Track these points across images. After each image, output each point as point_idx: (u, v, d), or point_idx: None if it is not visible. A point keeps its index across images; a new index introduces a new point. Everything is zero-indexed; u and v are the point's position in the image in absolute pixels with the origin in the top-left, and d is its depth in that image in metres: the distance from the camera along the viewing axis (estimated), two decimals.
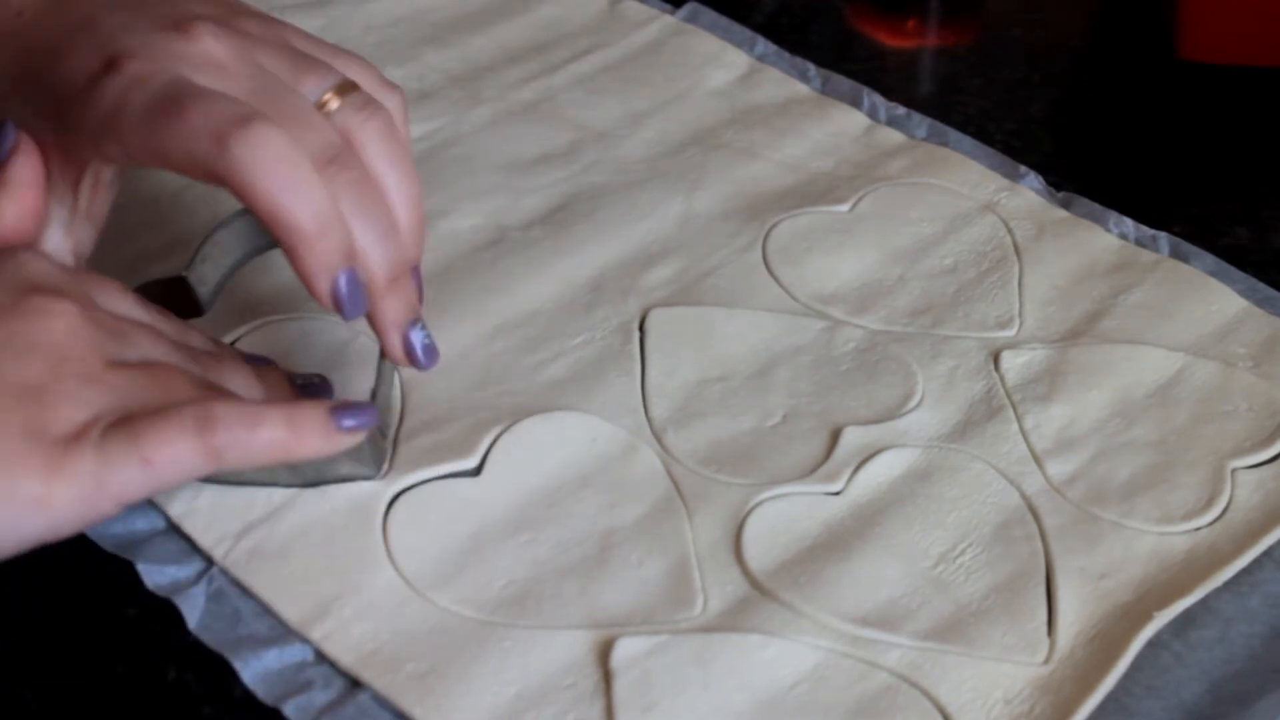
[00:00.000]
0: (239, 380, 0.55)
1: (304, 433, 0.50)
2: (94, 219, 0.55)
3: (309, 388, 0.58)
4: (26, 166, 0.53)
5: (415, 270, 0.55)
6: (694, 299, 0.66)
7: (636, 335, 0.65)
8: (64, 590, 0.56)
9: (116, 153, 0.51)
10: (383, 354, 0.55)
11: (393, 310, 0.53)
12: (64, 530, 0.48)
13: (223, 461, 0.49)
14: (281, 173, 0.49)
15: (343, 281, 0.51)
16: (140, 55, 0.51)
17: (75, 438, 0.47)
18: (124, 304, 0.53)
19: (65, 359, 0.48)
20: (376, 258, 0.52)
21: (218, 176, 0.49)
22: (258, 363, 0.58)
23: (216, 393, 0.52)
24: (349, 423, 0.51)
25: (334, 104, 0.52)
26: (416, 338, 0.54)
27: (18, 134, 0.53)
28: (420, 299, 0.55)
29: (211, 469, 0.49)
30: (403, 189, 0.53)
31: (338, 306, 0.51)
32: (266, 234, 0.53)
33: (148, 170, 0.53)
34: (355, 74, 0.54)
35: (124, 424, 0.48)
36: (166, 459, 0.48)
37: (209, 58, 0.51)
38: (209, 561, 0.56)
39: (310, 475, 0.57)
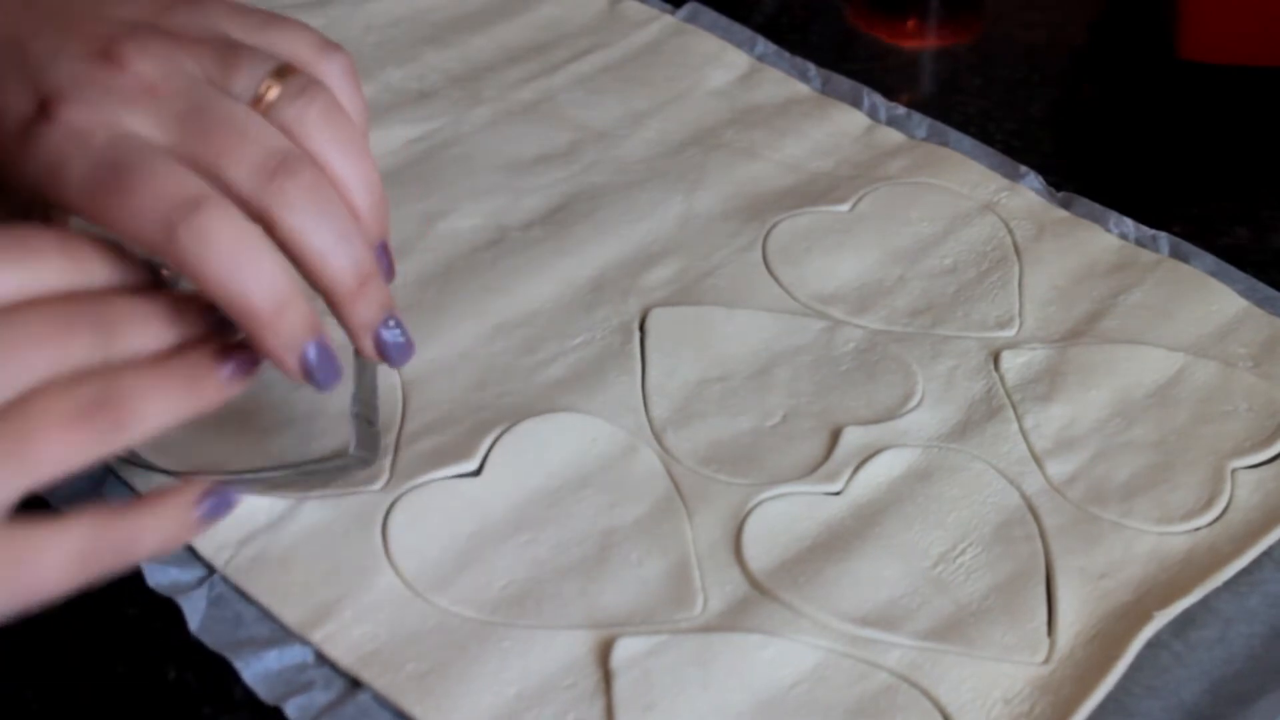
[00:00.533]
0: (138, 331, 0.48)
1: (204, 388, 0.48)
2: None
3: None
4: None
5: (383, 247, 0.53)
6: (694, 299, 0.66)
7: (637, 335, 0.65)
8: None
9: (59, 205, 0.48)
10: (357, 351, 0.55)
11: (362, 313, 0.51)
12: None
13: (114, 444, 0.46)
14: (231, 259, 0.47)
15: (311, 354, 0.49)
16: (73, 98, 0.48)
17: None
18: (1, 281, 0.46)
19: None
20: (340, 263, 0.50)
21: (168, 261, 0.47)
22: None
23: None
24: (239, 365, 0.48)
25: (273, 93, 0.50)
26: (389, 336, 0.52)
27: None
28: (391, 274, 0.53)
29: (102, 455, 0.46)
30: (356, 172, 0.51)
31: (310, 380, 0.49)
32: None
33: None
34: (291, 46, 0.52)
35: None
36: (39, 576, 0.45)
37: (140, 84, 0.49)
38: (210, 569, 0.56)
39: (314, 485, 0.58)
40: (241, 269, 0.47)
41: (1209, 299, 0.67)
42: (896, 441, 0.60)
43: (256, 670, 0.52)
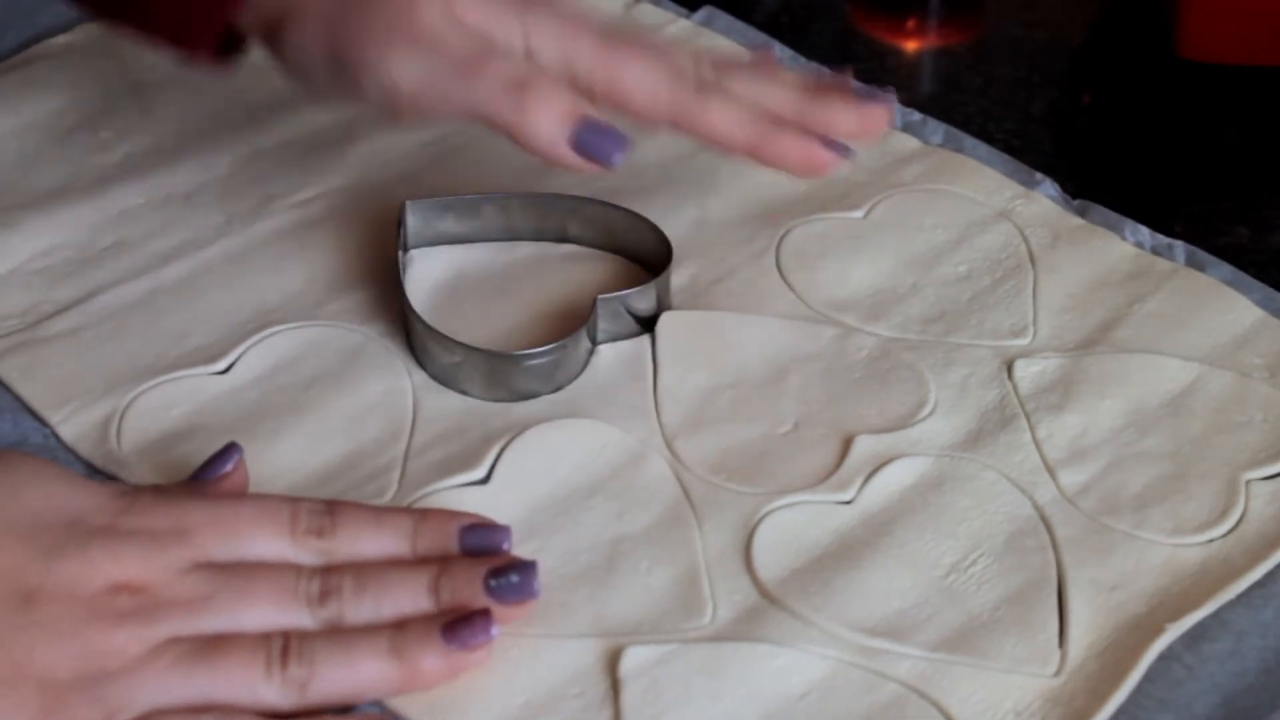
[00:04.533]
0: (373, 603, 0.52)
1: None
2: None
3: (503, 583, 0.52)
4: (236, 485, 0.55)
5: None
6: (707, 304, 0.66)
7: (649, 339, 0.65)
8: None
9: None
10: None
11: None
12: None
13: None
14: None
15: (574, 129, 0.57)
16: None
17: None
18: (259, 545, 0.52)
19: (106, 668, 0.48)
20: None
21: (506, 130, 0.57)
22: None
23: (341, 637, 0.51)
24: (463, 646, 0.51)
25: None
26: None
27: (238, 461, 0.55)
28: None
29: None
30: None
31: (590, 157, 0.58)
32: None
33: None
34: None
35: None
36: None
37: None
38: None
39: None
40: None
41: (1224, 308, 0.66)
42: (908, 450, 0.60)
43: None
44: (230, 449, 0.55)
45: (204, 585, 0.50)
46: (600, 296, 0.64)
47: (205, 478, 0.55)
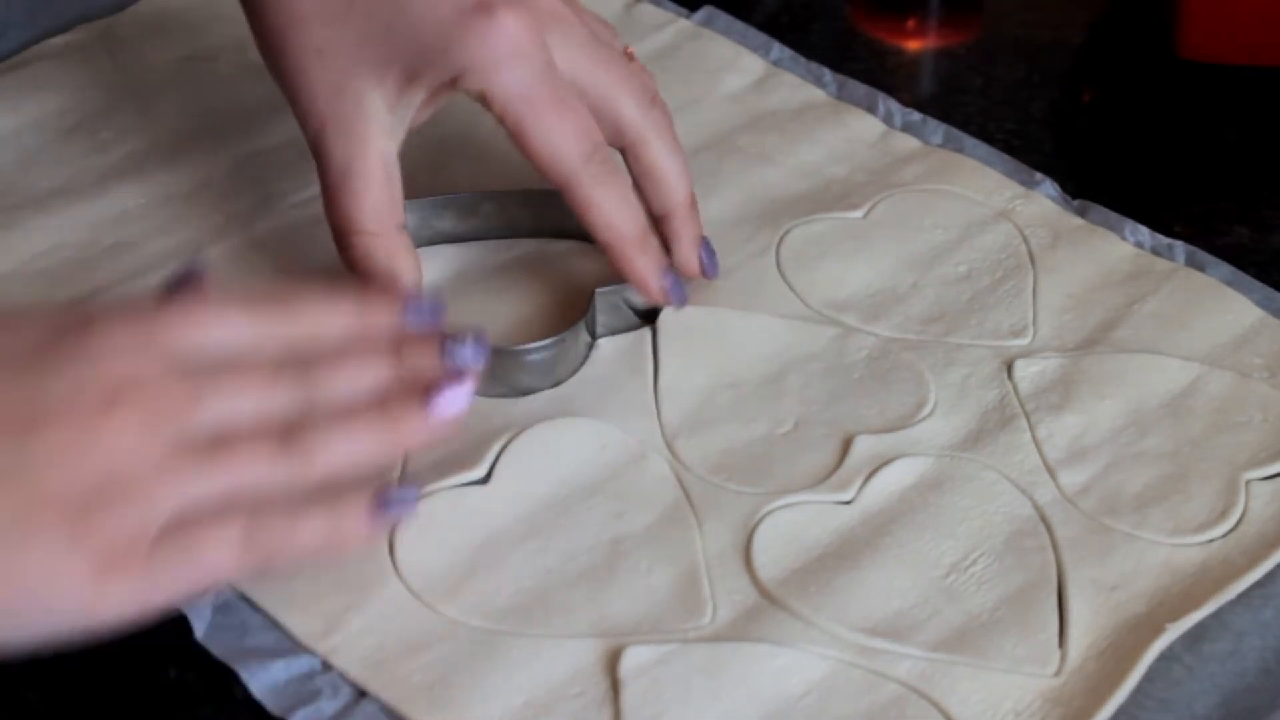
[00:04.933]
0: (354, 372, 0.53)
1: (345, 529, 0.52)
2: (412, 128, 0.62)
3: (458, 348, 0.55)
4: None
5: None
6: (708, 301, 0.66)
7: (649, 333, 0.65)
8: None
9: (477, 93, 0.59)
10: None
11: (692, 230, 0.65)
12: (105, 628, 0.48)
13: (270, 563, 0.50)
14: (617, 194, 0.61)
15: (669, 279, 0.63)
16: (510, 3, 0.59)
17: (124, 549, 0.47)
18: (219, 334, 0.52)
19: (116, 465, 0.48)
20: (685, 182, 0.65)
21: (564, 186, 0.60)
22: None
23: (310, 420, 0.51)
24: (390, 511, 0.52)
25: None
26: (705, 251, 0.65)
27: (201, 278, 0.54)
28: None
29: (262, 569, 0.51)
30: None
31: (666, 297, 0.63)
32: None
33: None
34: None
35: (174, 532, 0.48)
36: (213, 566, 0.49)
37: (558, 9, 0.62)
38: None
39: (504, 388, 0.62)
40: (622, 202, 0.61)
41: (1225, 308, 0.66)
42: (908, 450, 0.60)
43: (264, 681, 0.52)
44: (194, 268, 0.54)
45: (191, 383, 0.50)
46: (598, 289, 0.64)
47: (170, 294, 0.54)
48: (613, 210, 0.61)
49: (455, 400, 0.52)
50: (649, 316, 0.65)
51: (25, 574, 0.46)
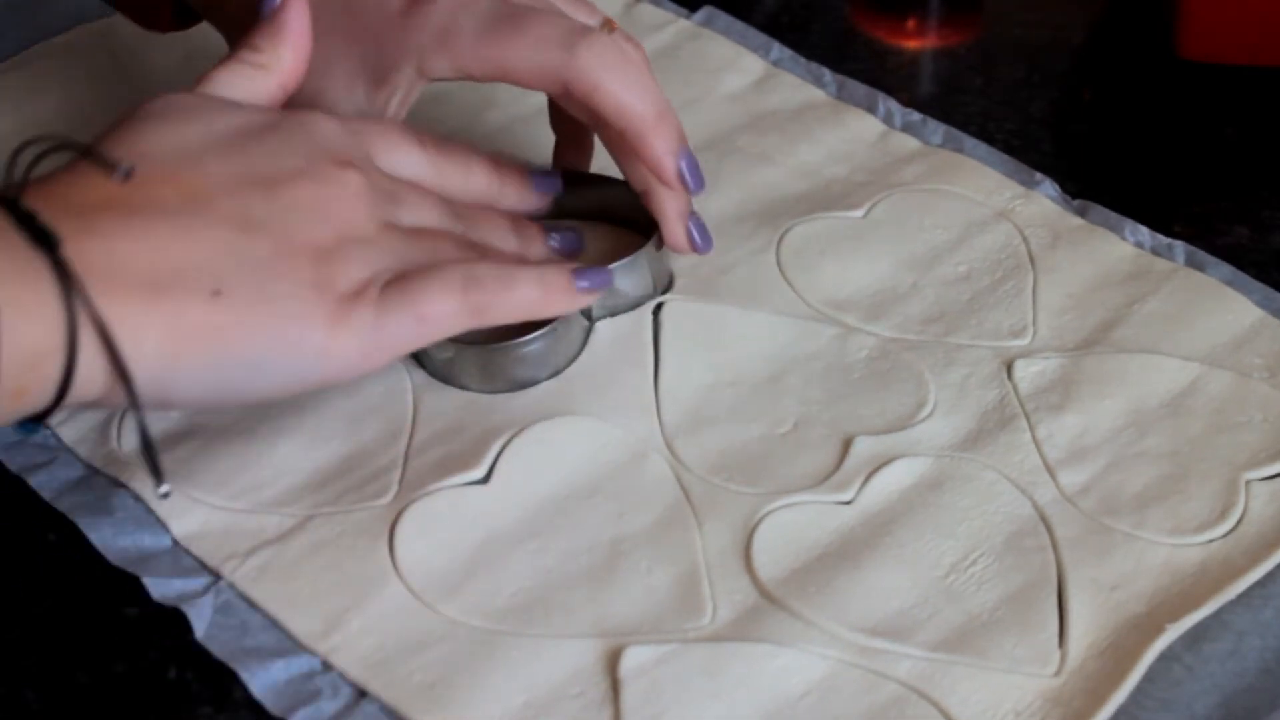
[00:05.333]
0: (497, 234, 0.60)
1: (552, 291, 0.56)
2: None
3: (561, 235, 0.63)
4: (297, 13, 0.57)
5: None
6: (709, 295, 0.66)
7: (650, 325, 0.65)
8: (66, 590, 0.56)
9: (442, 68, 0.59)
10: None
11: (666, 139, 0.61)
12: (341, 378, 0.52)
13: (484, 318, 0.54)
14: (621, 73, 0.58)
15: (685, 160, 0.61)
16: None
17: (356, 295, 0.52)
18: (402, 159, 0.58)
19: (350, 223, 0.53)
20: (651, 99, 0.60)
21: (564, 82, 0.58)
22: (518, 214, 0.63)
23: (478, 252, 0.58)
24: (585, 284, 0.57)
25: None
26: (695, 225, 0.64)
27: None
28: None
29: (474, 324, 0.54)
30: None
31: (683, 182, 0.61)
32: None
33: None
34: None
35: (399, 283, 0.53)
36: (436, 314, 0.53)
37: None
38: (217, 576, 0.56)
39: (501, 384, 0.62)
40: (630, 82, 0.59)
41: (1224, 308, 0.66)
42: (908, 450, 0.60)
43: (264, 681, 0.53)
44: None
45: (393, 182, 0.56)
46: None
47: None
48: (623, 90, 0.59)
49: (598, 278, 0.58)
50: (651, 294, 0.66)
51: (275, 313, 0.50)
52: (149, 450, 0.49)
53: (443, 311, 0.53)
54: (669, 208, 0.62)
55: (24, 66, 0.78)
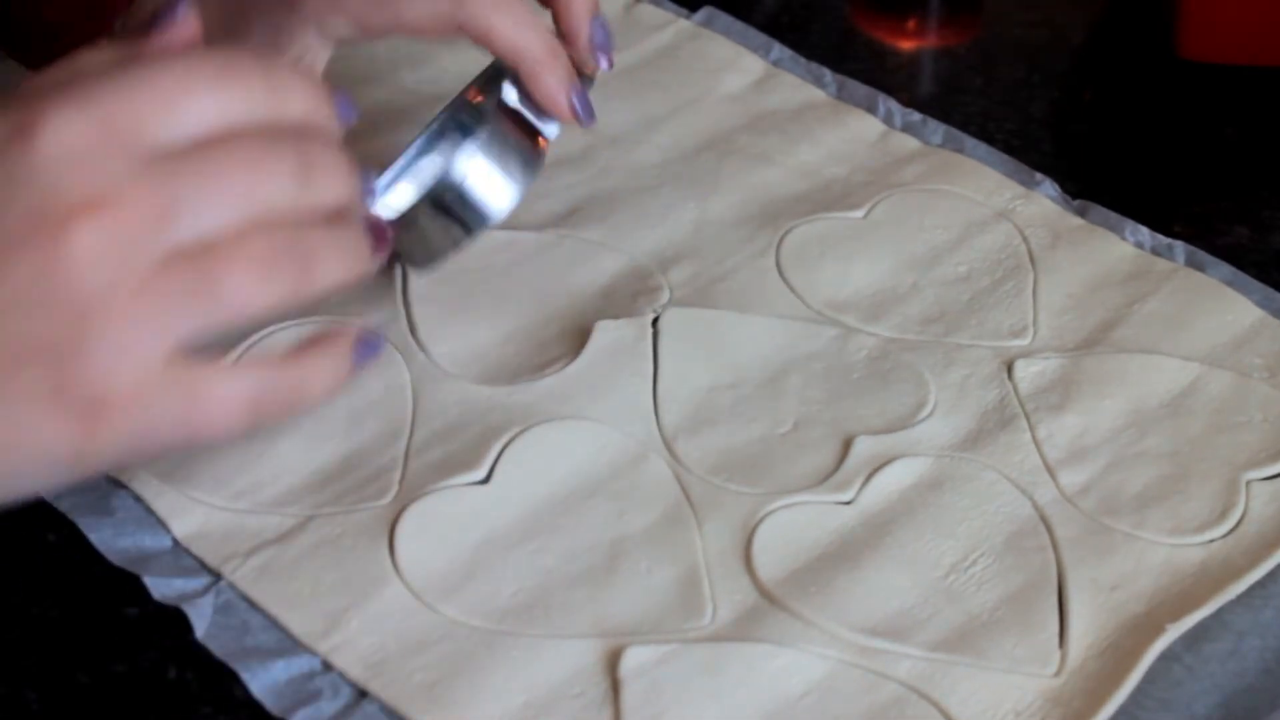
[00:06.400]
0: (329, 181, 0.47)
1: (336, 359, 0.49)
2: None
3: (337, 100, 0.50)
4: (185, 24, 0.48)
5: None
6: (707, 303, 0.66)
7: (650, 334, 0.65)
8: (66, 590, 0.56)
9: (341, 28, 0.59)
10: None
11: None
12: (104, 471, 0.48)
13: (265, 422, 0.47)
14: (512, 14, 0.59)
15: (577, 96, 0.61)
16: None
17: (110, 396, 0.43)
18: (189, 110, 0.44)
19: (92, 301, 0.42)
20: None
21: (457, 27, 0.58)
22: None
23: (303, 220, 0.46)
24: (361, 354, 0.49)
25: None
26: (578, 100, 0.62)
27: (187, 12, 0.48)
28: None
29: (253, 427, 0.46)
30: None
31: (576, 117, 0.61)
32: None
33: None
34: None
35: (175, 368, 0.44)
36: (211, 416, 0.45)
37: None
38: (217, 576, 0.56)
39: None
40: (522, 21, 0.59)
41: (1224, 308, 0.66)
42: (908, 451, 0.60)
43: (264, 681, 0.52)
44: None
45: (164, 185, 0.44)
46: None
47: (153, 31, 0.48)
48: (513, 30, 0.59)
49: (369, 347, 0.50)
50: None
51: (10, 431, 0.43)
52: None
53: (219, 413, 0.45)
54: (549, 81, 0.61)
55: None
